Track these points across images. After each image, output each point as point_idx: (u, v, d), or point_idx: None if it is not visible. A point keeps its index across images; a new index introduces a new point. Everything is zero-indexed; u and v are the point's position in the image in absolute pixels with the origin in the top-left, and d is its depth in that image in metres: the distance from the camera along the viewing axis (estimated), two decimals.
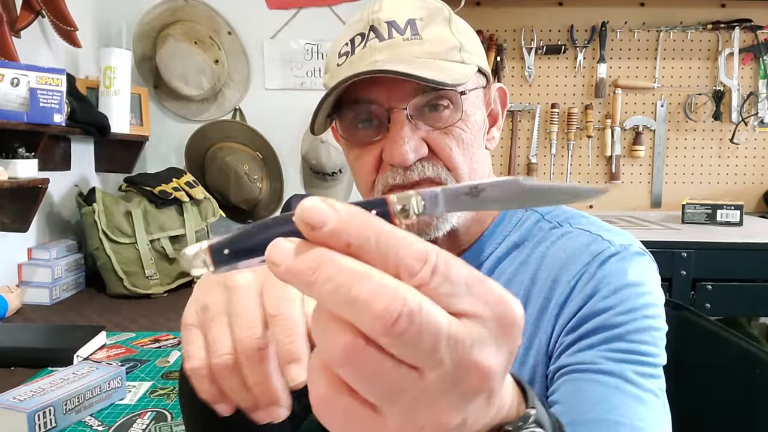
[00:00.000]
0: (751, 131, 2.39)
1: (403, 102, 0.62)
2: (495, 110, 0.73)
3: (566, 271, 0.63)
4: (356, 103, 0.64)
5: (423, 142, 0.63)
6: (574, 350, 0.59)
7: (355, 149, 0.67)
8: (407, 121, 0.62)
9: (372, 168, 0.65)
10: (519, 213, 0.73)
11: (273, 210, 2.13)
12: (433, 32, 0.63)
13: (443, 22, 0.65)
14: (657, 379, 0.57)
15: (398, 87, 0.61)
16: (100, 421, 0.90)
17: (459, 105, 0.64)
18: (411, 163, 0.62)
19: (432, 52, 0.62)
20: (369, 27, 0.63)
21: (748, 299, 1.75)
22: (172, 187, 1.78)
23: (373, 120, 0.64)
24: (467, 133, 0.64)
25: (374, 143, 0.64)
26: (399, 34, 0.63)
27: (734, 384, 0.91)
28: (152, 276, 1.66)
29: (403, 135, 0.61)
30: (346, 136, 0.67)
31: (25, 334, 1.25)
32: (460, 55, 0.64)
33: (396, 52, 0.62)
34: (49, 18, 1.61)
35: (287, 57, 2.10)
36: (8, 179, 1.34)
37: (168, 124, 2.12)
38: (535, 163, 2.45)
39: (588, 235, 0.66)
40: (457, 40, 0.65)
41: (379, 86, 0.62)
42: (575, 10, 2.39)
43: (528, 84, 2.43)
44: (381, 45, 0.62)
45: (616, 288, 0.60)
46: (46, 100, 1.38)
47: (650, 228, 2.01)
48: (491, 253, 0.71)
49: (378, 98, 0.62)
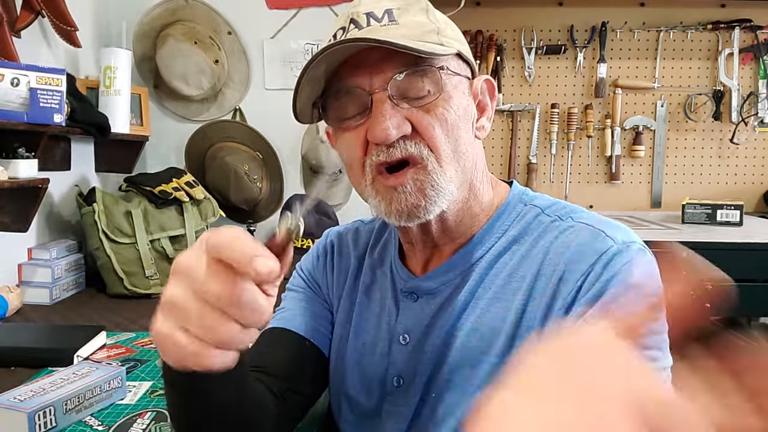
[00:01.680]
0: (751, 131, 2.39)
1: (384, 83, 0.63)
2: (483, 101, 0.73)
3: (572, 268, 0.63)
4: (340, 89, 0.66)
5: (406, 120, 0.64)
6: None
7: (343, 134, 0.68)
8: (388, 101, 0.63)
9: (360, 152, 0.66)
10: (518, 207, 0.73)
11: (273, 210, 2.13)
12: (410, 19, 0.65)
13: (420, 11, 0.67)
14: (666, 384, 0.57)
15: (378, 69, 0.63)
16: (100, 421, 0.90)
17: (439, 83, 0.65)
18: (393, 139, 0.63)
19: (408, 34, 0.63)
20: (349, 20, 0.66)
21: (748, 299, 1.75)
22: (172, 187, 1.78)
23: (358, 105, 0.65)
24: (450, 113, 0.65)
25: (360, 126, 0.66)
26: (376, 22, 0.64)
27: None
28: (152, 276, 1.66)
29: (384, 113, 0.63)
30: (334, 124, 0.69)
31: (25, 334, 1.25)
32: (437, 38, 0.65)
33: (374, 35, 0.63)
34: (49, 18, 1.61)
35: (287, 57, 2.10)
36: (8, 179, 1.34)
37: (168, 124, 2.12)
38: (535, 163, 2.45)
39: (591, 230, 0.66)
40: (434, 25, 0.66)
41: (361, 70, 0.64)
42: (575, 10, 2.40)
43: (528, 84, 2.44)
44: (360, 32, 0.64)
45: (621, 291, 0.60)
46: (46, 100, 1.38)
47: (650, 228, 2.02)
48: (490, 248, 0.70)
49: (360, 82, 0.64)
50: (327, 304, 0.84)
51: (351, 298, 0.81)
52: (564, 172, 2.46)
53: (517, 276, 0.67)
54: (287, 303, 0.84)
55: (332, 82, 0.66)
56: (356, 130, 0.66)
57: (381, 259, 0.81)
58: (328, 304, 0.84)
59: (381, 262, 0.80)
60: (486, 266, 0.70)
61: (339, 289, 0.83)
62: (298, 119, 0.71)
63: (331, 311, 0.84)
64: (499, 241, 0.71)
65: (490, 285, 0.68)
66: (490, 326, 0.66)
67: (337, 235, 0.88)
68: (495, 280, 0.69)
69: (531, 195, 0.75)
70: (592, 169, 2.47)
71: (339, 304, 0.82)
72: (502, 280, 0.68)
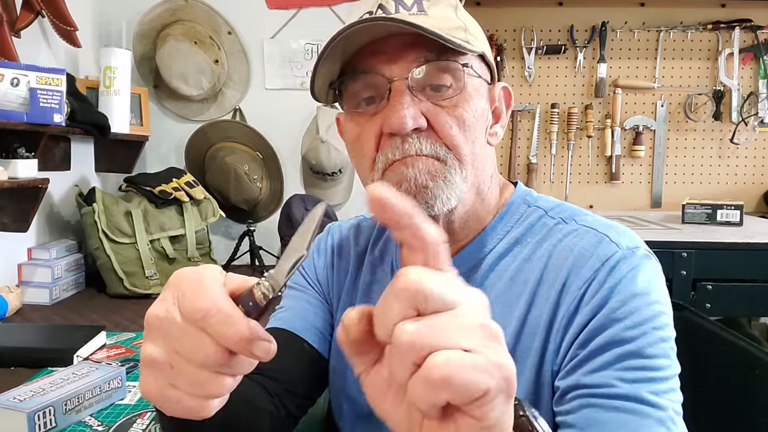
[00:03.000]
0: (751, 131, 2.39)
1: (405, 71, 0.61)
2: (499, 108, 0.72)
3: (575, 275, 0.62)
4: (358, 72, 0.63)
5: (422, 115, 0.62)
6: (588, 369, 0.58)
7: (356, 127, 0.66)
8: (407, 91, 0.61)
9: (373, 145, 0.64)
10: (521, 208, 0.72)
11: (273, 210, 2.13)
12: (439, 11, 0.63)
13: (449, 7, 0.65)
14: (672, 392, 0.57)
15: (400, 57, 0.61)
16: (100, 421, 0.89)
17: (461, 81, 0.63)
18: (409, 129, 0.60)
19: (437, 26, 0.60)
20: (377, 5, 0.63)
21: (748, 299, 1.75)
22: (172, 187, 1.78)
23: (374, 92, 0.63)
24: (469, 114, 0.63)
25: (375, 117, 0.64)
26: (405, 10, 0.62)
27: (734, 384, 0.91)
28: (152, 276, 1.66)
29: (403, 102, 0.60)
30: (349, 108, 0.66)
31: (25, 334, 1.25)
32: (464, 35, 0.63)
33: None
34: (49, 18, 1.61)
35: (287, 57, 2.10)
36: (8, 179, 1.34)
37: (168, 124, 2.12)
38: (535, 163, 2.45)
39: (595, 234, 0.65)
40: (462, 22, 0.64)
41: (381, 55, 0.62)
42: (575, 10, 2.40)
43: (528, 84, 2.44)
44: (386, 19, 0.61)
45: (626, 299, 0.59)
46: (46, 100, 1.38)
47: (650, 228, 2.01)
48: (492, 249, 0.70)
49: (380, 68, 0.62)
50: (327, 303, 0.83)
51: (351, 297, 0.80)
52: (564, 172, 2.46)
53: (520, 280, 0.66)
54: (287, 302, 0.83)
55: (351, 64, 0.64)
56: (371, 123, 0.64)
57: (382, 258, 0.79)
58: (328, 303, 0.83)
59: (381, 260, 0.79)
60: (487, 269, 0.69)
61: (339, 287, 0.82)
62: (316, 98, 0.68)
63: (332, 311, 0.83)
64: (500, 242, 0.70)
65: (492, 288, 0.68)
66: None
67: (338, 230, 0.87)
68: (497, 283, 0.68)
69: (535, 196, 0.74)
70: (592, 169, 2.47)
71: (339, 303, 0.81)
72: (504, 283, 0.67)
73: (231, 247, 2.01)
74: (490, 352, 0.32)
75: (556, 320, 0.62)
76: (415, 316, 0.32)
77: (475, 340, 0.32)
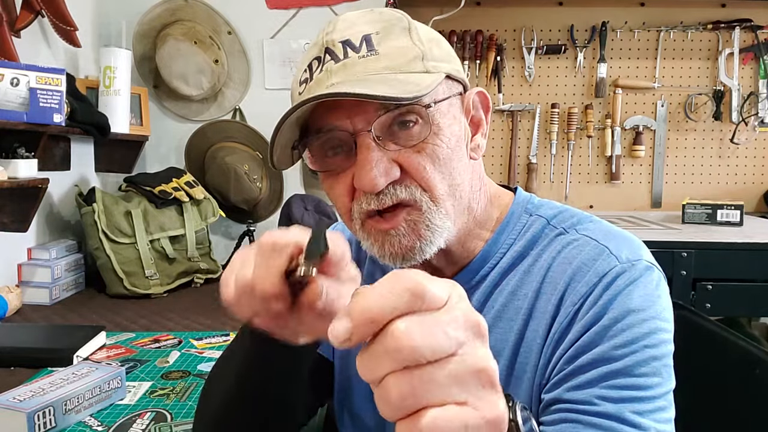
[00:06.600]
0: (752, 131, 2.39)
1: (367, 124, 0.58)
2: (477, 116, 0.68)
3: (572, 290, 0.61)
4: (320, 131, 0.60)
5: (394, 163, 0.59)
6: (572, 385, 0.57)
7: (328, 179, 0.64)
8: (374, 144, 0.58)
9: (347, 197, 0.62)
10: (523, 219, 0.69)
11: (273, 210, 2.13)
12: (391, 45, 0.60)
13: (402, 32, 0.61)
14: (659, 412, 0.56)
15: (360, 109, 0.58)
16: (99, 422, 0.89)
17: (428, 119, 0.59)
18: (382, 187, 0.58)
19: (391, 66, 0.58)
20: (324, 50, 0.60)
21: (748, 299, 1.75)
22: (172, 187, 1.79)
23: (340, 147, 0.61)
24: (442, 148, 0.60)
25: (345, 171, 0.61)
26: (354, 52, 0.59)
27: (734, 384, 0.91)
28: (152, 276, 1.66)
29: (371, 159, 0.57)
30: (317, 167, 0.64)
31: (25, 334, 1.25)
32: (423, 64, 0.60)
33: (351, 71, 0.58)
34: (49, 18, 1.61)
35: (287, 57, 2.10)
36: (8, 179, 1.34)
37: (168, 124, 2.12)
38: (535, 163, 2.45)
39: (595, 246, 0.63)
40: (419, 49, 0.60)
41: (339, 110, 0.58)
42: (575, 10, 2.39)
43: (528, 84, 2.43)
44: (336, 66, 0.59)
45: (619, 316, 0.58)
46: (45, 100, 1.38)
47: (650, 228, 2.01)
48: (495, 265, 0.68)
49: (341, 124, 0.59)
50: None
51: None
52: (564, 172, 2.46)
53: (520, 294, 0.65)
54: None
55: (311, 123, 0.61)
56: (342, 176, 0.61)
57: (382, 269, 0.77)
58: None
59: (382, 271, 0.77)
60: (491, 285, 0.67)
61: None
62: (276, 167, 0.65)
63: None
64: (504, 257, 0.68)
65: (494, 304, 0.66)
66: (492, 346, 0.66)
67: None
68: (498, 299, 0.66)
69: (536, 203, 0.71)
70: (592, 169, 2.46)
71: None
72: (505, 298, 0.66)
73: (231, 247, 2.01)
74: (484, 404, 0.31)
75: (550, 334, 0.61)
76: (403, 369, 0.31)
77: (469, 391, 0.31)
